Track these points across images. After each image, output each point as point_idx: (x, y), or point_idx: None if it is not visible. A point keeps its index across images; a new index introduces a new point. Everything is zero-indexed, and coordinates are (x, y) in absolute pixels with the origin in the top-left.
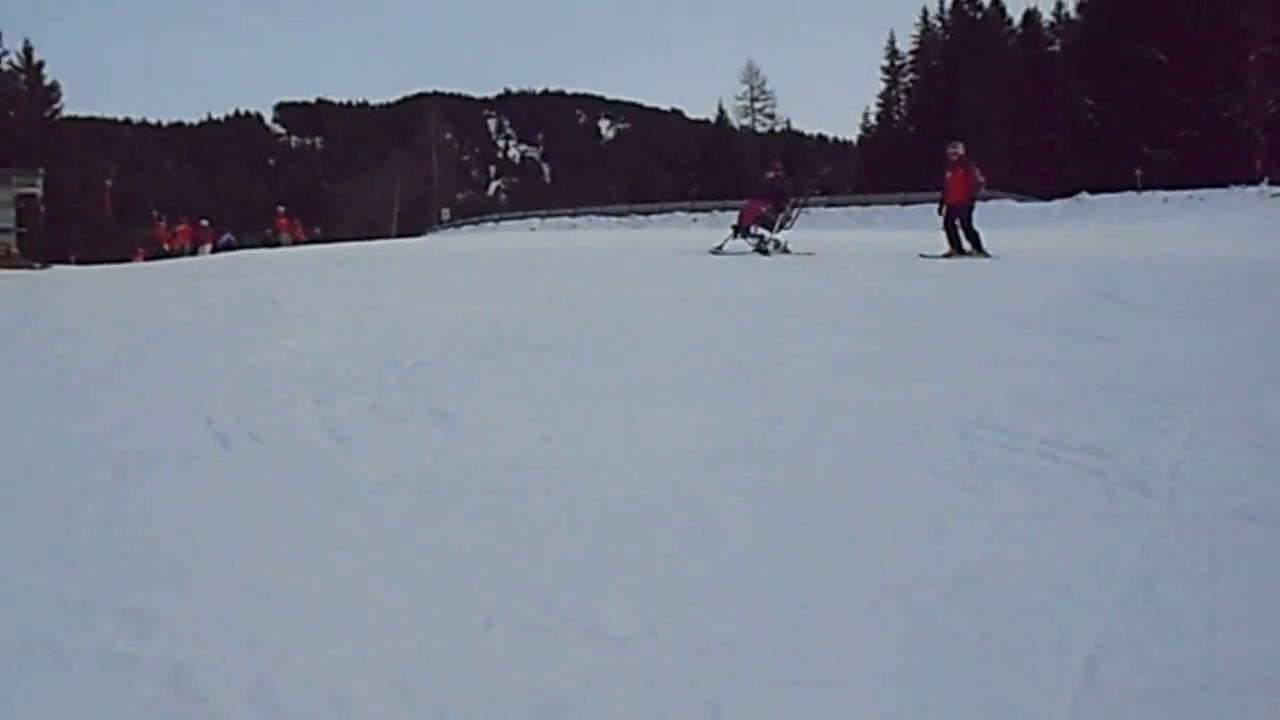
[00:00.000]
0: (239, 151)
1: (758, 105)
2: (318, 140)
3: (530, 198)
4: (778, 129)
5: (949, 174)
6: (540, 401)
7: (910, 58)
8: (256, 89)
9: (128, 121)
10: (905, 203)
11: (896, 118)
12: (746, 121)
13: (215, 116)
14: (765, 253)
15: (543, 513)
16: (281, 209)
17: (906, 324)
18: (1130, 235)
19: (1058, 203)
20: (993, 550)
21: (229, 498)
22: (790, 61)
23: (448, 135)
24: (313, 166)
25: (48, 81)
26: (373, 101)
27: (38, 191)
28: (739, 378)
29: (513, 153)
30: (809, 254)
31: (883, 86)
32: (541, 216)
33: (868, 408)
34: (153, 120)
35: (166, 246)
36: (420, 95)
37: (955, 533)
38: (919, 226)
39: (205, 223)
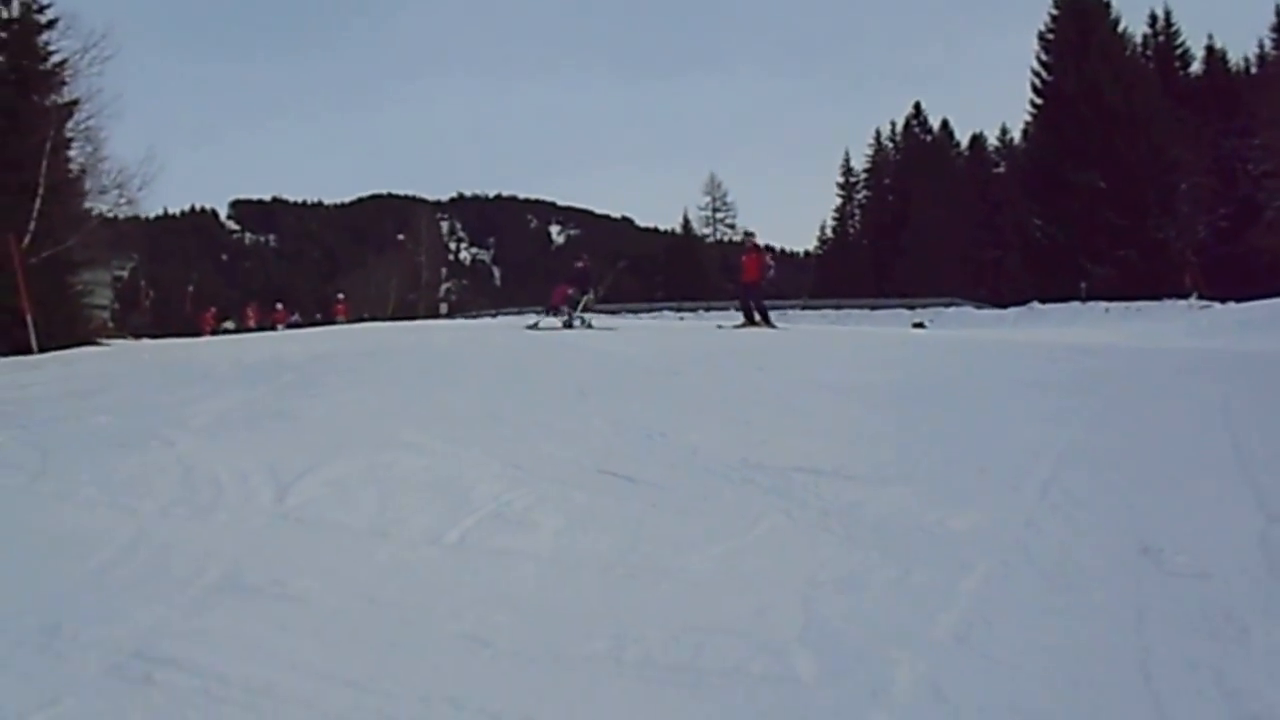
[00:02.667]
0: (193, 246)
1: (719, 215)
2: (271, 237)
3: (481, 299)
4: (736, 238)
5: (744, 258)
6: None
7: (864, 175)
8: (212, 186)
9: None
10: (874, 307)
11: (851, 231)
12: (708, 230)
13: (171, 211)
14: (571, 327)
15: None
16: (341, 295)
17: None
18: (1083, 336)
19: (1011, 310)
20: None
21: None
22: (746, 176)
23: (400, 236)
24: (266, 262)
25: None
26: (327, 201)
27: (124, 274)
28: None
29: (464, 255)
30: (610, 329)
31: (838, 201)
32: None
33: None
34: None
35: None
36: (375, 196)
37: None
38: (879, 323)
39: (280, 305)
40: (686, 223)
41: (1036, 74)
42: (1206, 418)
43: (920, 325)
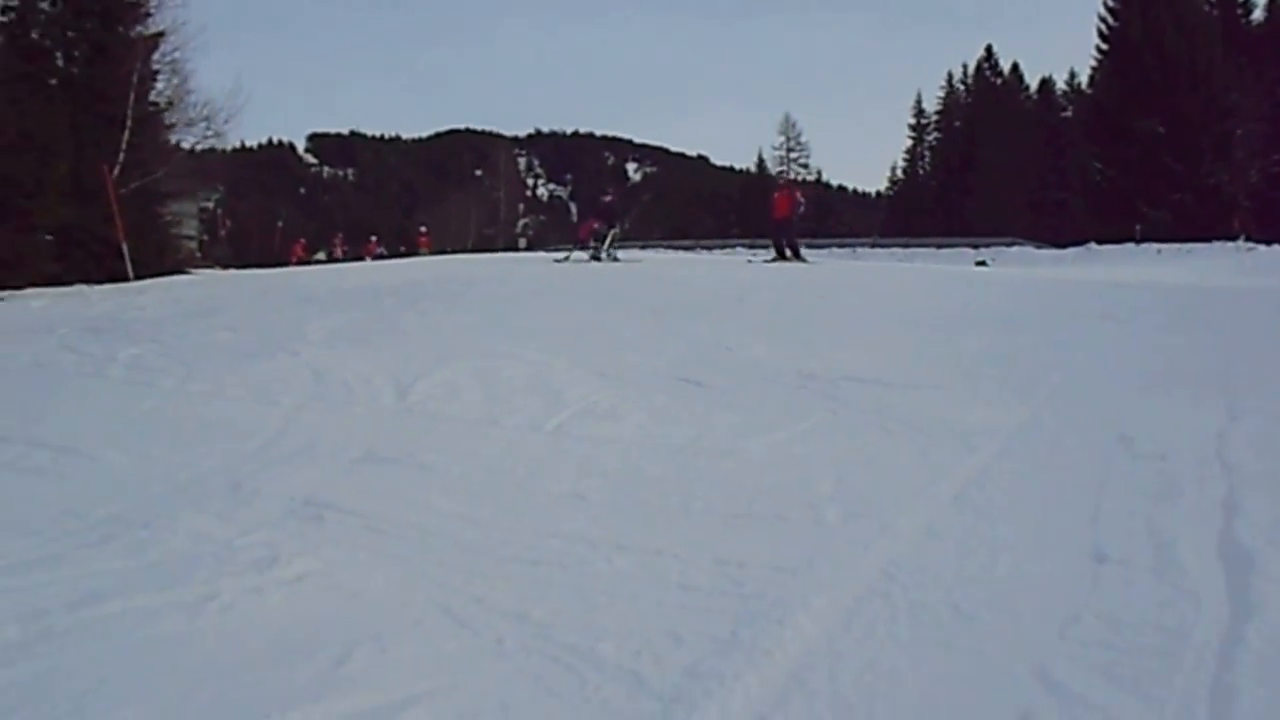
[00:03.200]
0: (271, 179)
1: (793, 155)
2: (349, 171)
3: (557, 235)
4: (809, 178)
5: (775, 195)
6: None
7: (935, 117)
8: (290, 120)
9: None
10: (940, 246)
11: (921, 172)
12: (782, 169)
13: (249, 144)
14: (599, 259)
15: None
16: (423, 229)
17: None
18: (1128, 275)
19: (1070, 250)
20: None
21: None
22: (819, 116)
23: (478, 172)
24: (344, 196)
25: None
26: (405, 136)
27: (210, 206)
28: None
29: (541, 191)
30: (637, 261)
31: (909, 143)
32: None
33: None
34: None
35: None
36: (453, 131)
37: None
38: (944, 260)
39: (373, 238)
40: (761, 162)
41: (1103, 19)
42: (1211, 342)
43: (982, 263)
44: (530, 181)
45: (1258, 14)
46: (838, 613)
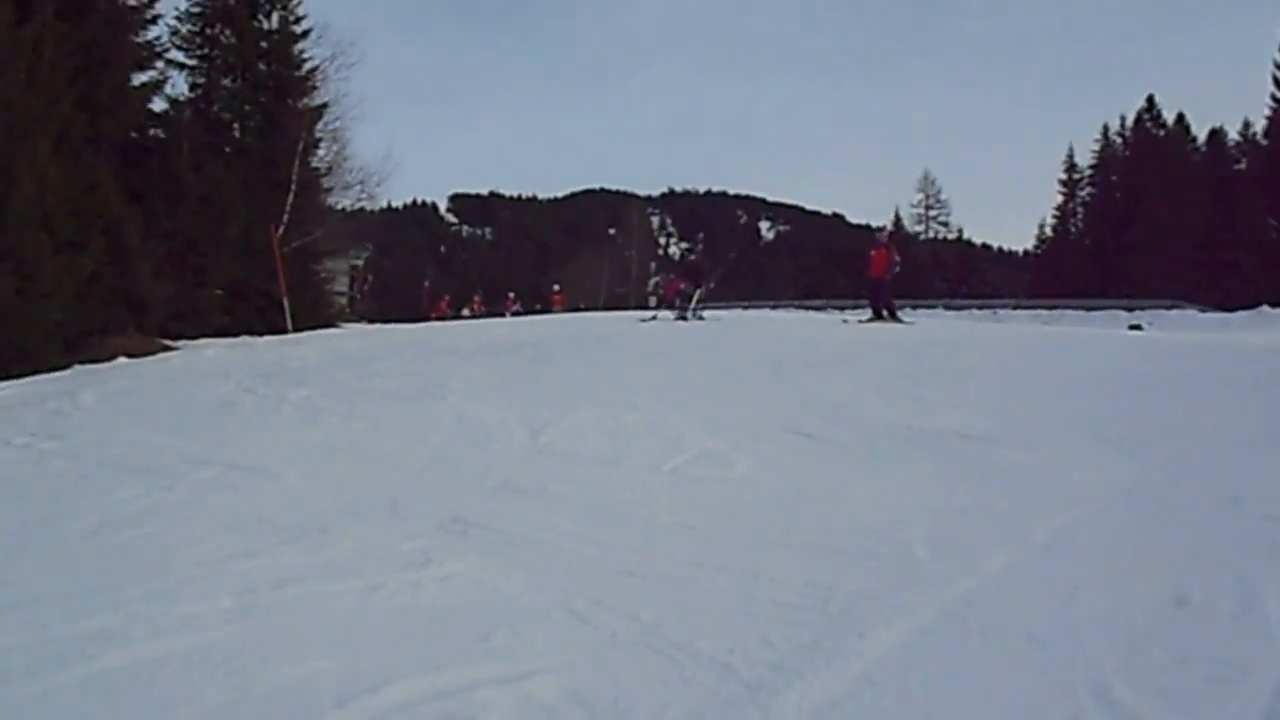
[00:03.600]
0: (414, 238)
1: (932, 213)
2: (488, 230)
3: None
4: (949, 237)
5: (872, 253)
6: None
7: (1089, 171)
8: (433, 180)
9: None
10: (1090, 308)
11: (1073, 230)
12: (920, 228)
13: (394, 204)
14: (685, 319)
15: None
16: (557, 286)
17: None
18: None
19: (1239, 314)
20: None
21: None
22: (962, 172)
23: (611, 230)
24: (481, 254)
25: None
26: (541, 195)
27: (360, 264)
28: None
29: (673, 249)
30: (717, 319)
31: (1059, 199)
32: (770, 306)
33: None
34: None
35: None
36: (588, 191)
37: None
38: (1094, 324)
39: (511, 295)
40: (897, 220)
41: (1278, 65)
42: None
43: (1137, 327)
44: (662, 240)
45: None
46: (914, 631)
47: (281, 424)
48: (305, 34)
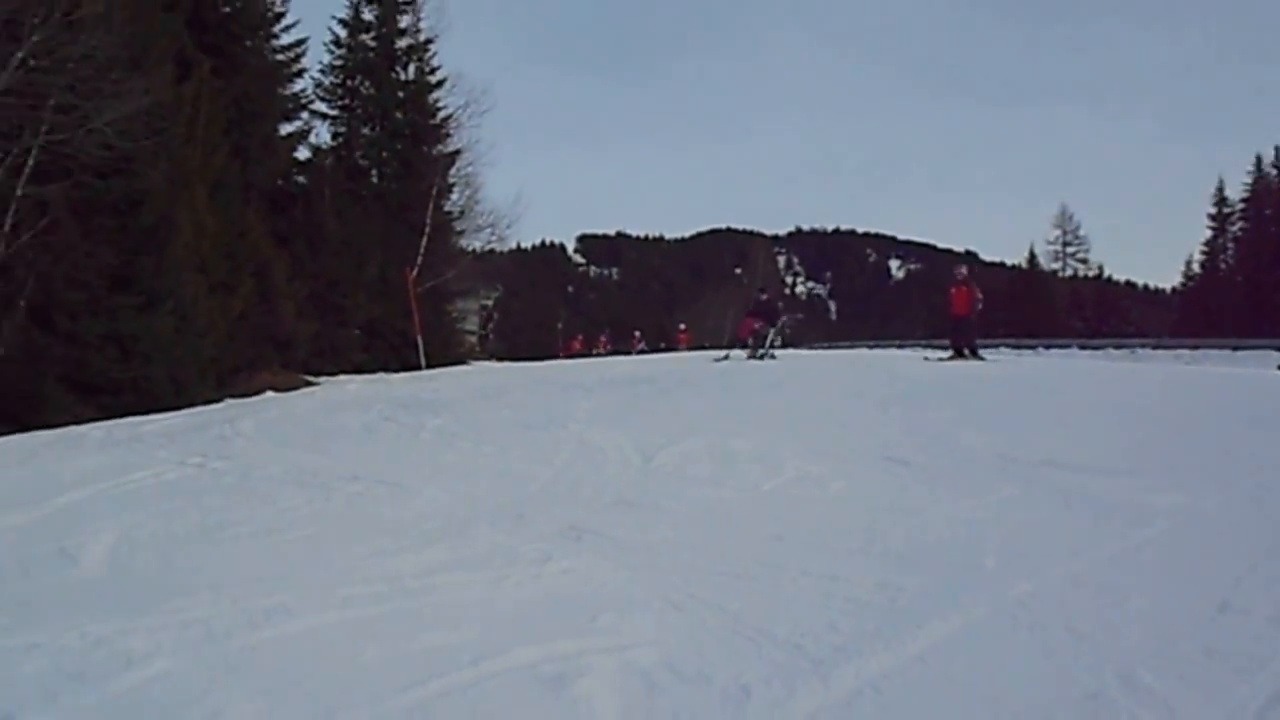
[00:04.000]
0: (542, 278)
1: (1069, 250)
2: (614, 270)
3: (815, 333)
4: (1089, 274)
5: (953, 291)
6: None
7: (1240, 205)
8: (561, 222)
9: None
10: (1237, 348)
11: (1223, 266)
12: (1057, 265)
13: (524, 245)
14: (758, 358)
15: None
16: (683, 326)
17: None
18: None
19: None
20: None
21: None
22: (1103, 207)
23: (737, 270)
24: (608, 294)
25: None
26: (668, 236)
27: (490, 304)
28: None
29: (800, 288)
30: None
31: (1209, 234)
32: (897, 345)
33: None
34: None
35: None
36: (714, 231)
37: None
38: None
39: (637, 334)
40: (1032, 257)
41: None
42: None
43: None
44: (789, 279)
45: None
46: (968, 624)
47: (420, 447)
48: (440, 84)
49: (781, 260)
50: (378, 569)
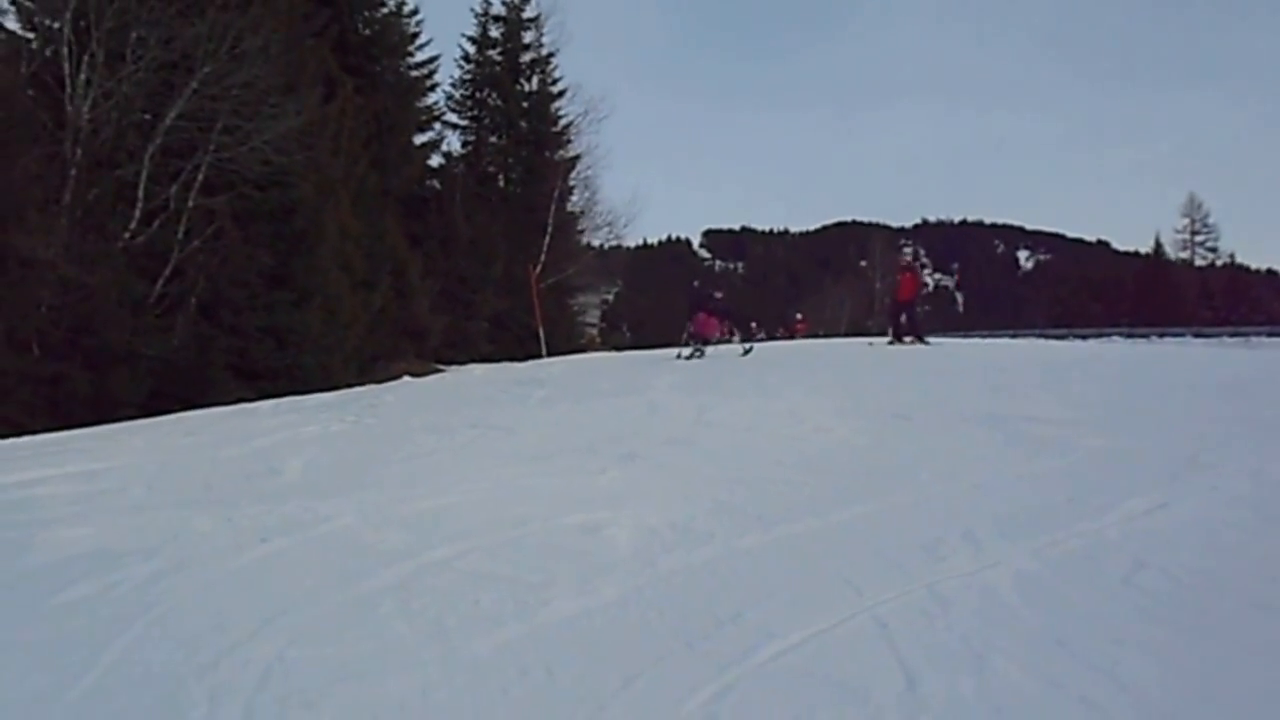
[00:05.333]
0: (668, 273)
1: (1198, 238)
2: (740, 264)
3: (941, 325)
4: (1219, 263)
5: (900, 278)
6: None
7: None
8: (688, 217)
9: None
10: None
11: None
12: (1185, 254)
13: (650, 241)
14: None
15: None
16: (799, 315)
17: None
18: None
19: None
20: None
21: None
22: (1239, 190)
23: (862, 263)
24: (734, 287)
25: None
26: (793, 229)
27: (610, 298)
28: None
29: (927, 281)
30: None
31: None
32: (1010, 335)
33: None
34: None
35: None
36: (839, 224)
37: None
38: None
39: (799, 316)
40: (1158, 246)
41: None
42: None
43: None
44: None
45: None
46: (881, 507)
47: (527, 409)
48: (560, 94)
49: (908, 252)
50: (486, 476)
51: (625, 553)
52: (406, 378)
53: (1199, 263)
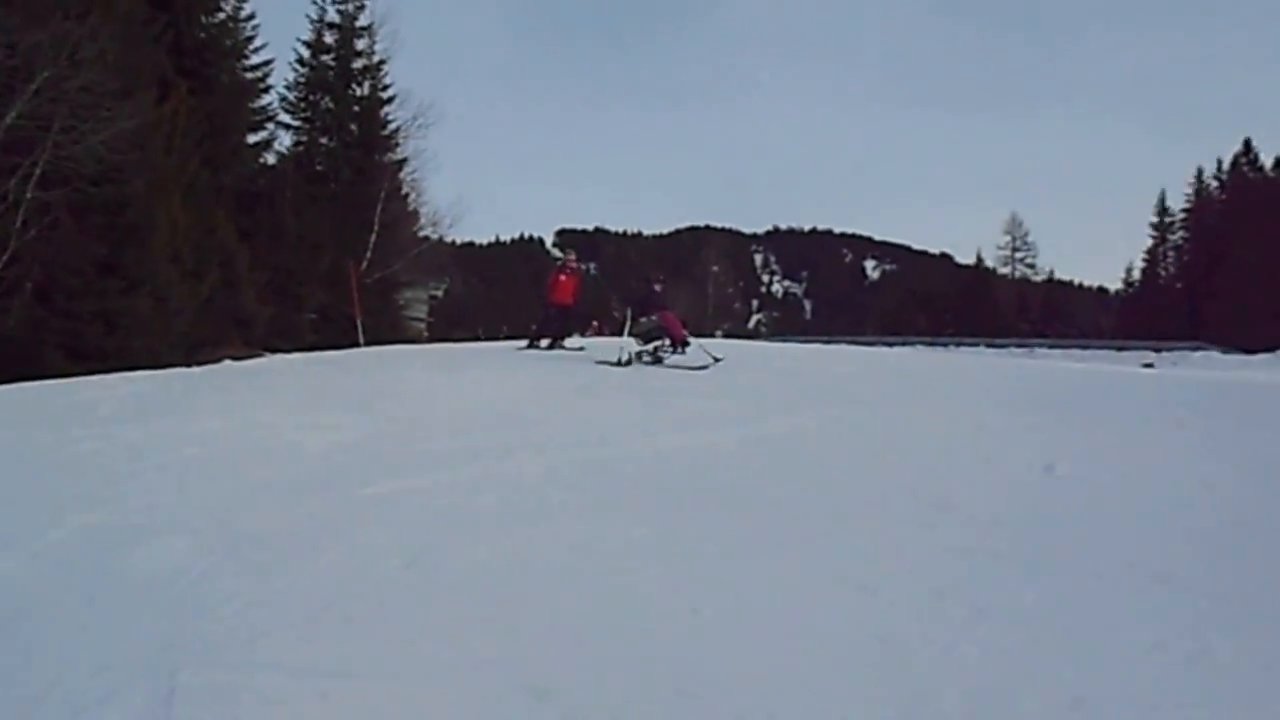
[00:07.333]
0: (519, 272)
1: (1019, 255)
2: (592, 265)
3: (789, 331)
4: (1037, 278)
5: (561, 277)
6: None
7: (1182, 216)
8: (541, 216)
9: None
10: (1121, 348)
11: (1162, 274)
12: (1006, 270)
13: (503, 239)
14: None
15: None
16: (595, 323)
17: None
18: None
19: (1260, 355)
20: None
21: None
22: (1058, 207)
23: (714, 268)
24: (587, 288)
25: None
26: (646, 231)
27: (439, 294)
28: None
29: (776, 287)
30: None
31: (1149, 242)
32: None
33: None
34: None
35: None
36: (692, 229)
37: None
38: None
39: (595, 323)
40: (979, 260)
41: None
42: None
43: (1149, 365)
44: (765, 277)
45: None
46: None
47: (325, 378)
48: (391, 100)
49: (759, 258)
50: (256, 415)
51: None
52: (228, 362)
53: (1018, 277)
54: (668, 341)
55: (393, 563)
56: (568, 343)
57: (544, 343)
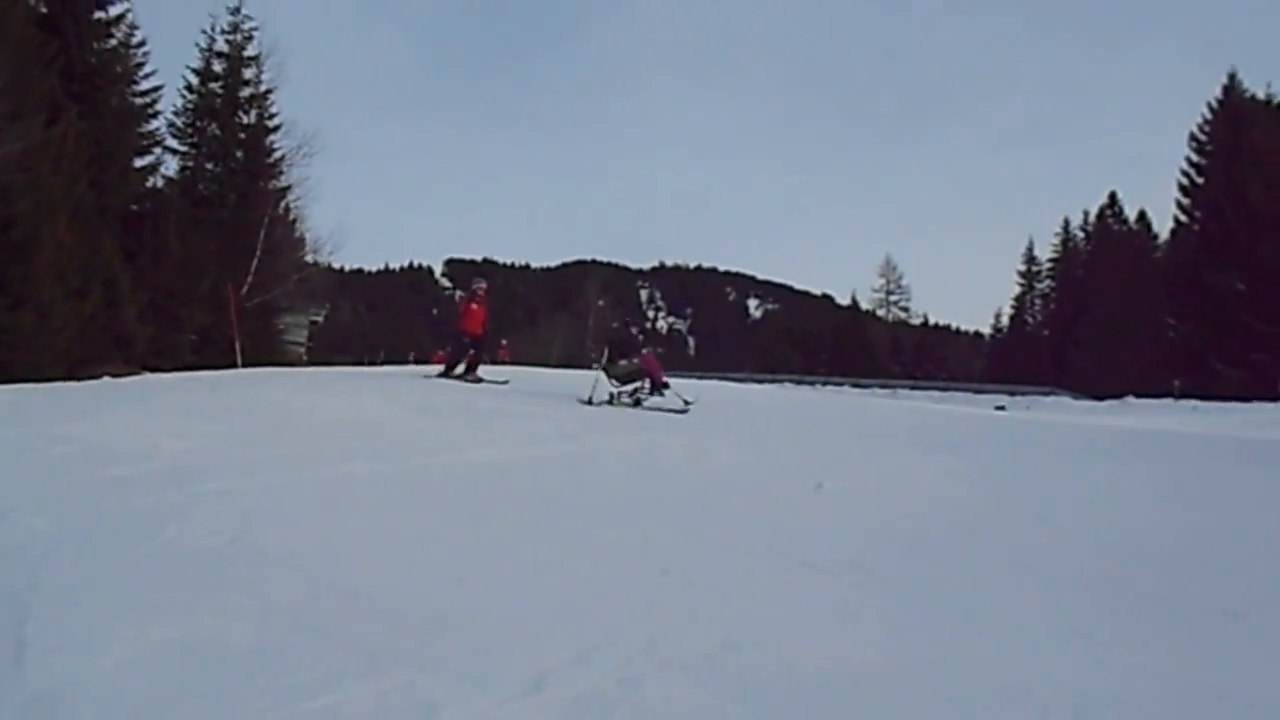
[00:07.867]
0: (407, 300)
1: (893, 298)
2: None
3: (675, 364)
4: (913, 321)
5: (473, 306)
6: None
7: (1049, 264)
8: (431, 246)
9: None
10: (978, 391)
11: (1029, 321)
12: (881, 312)
13: (393, 266)
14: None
15: None
16: (504, 342)
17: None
18: (1130, 423)
19: (1107, 402)
20: None
21: None
22: (937, 254)
23: (600, 302)
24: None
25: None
26: (534, 264)
27: (319, 319)
28: None
29: (661, 323)
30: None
31: (1018, 290)
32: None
33: None
34: (336, 265)
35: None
36: (579, 262)
37: None
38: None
39: (504, 342)
40: (854, 302)
41: (1185, 174)
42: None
43: (1001, 408)
44: (651, 313)
45: None
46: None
47: (181, 394)
48: (277, 129)
49: (644, 294)
50: (126, 423)
51: None
52: (107, 378)
53: (895, 319)
54: (647, 384)
55: (213, 541)
56: (489, 375)
57: (459, 370)
